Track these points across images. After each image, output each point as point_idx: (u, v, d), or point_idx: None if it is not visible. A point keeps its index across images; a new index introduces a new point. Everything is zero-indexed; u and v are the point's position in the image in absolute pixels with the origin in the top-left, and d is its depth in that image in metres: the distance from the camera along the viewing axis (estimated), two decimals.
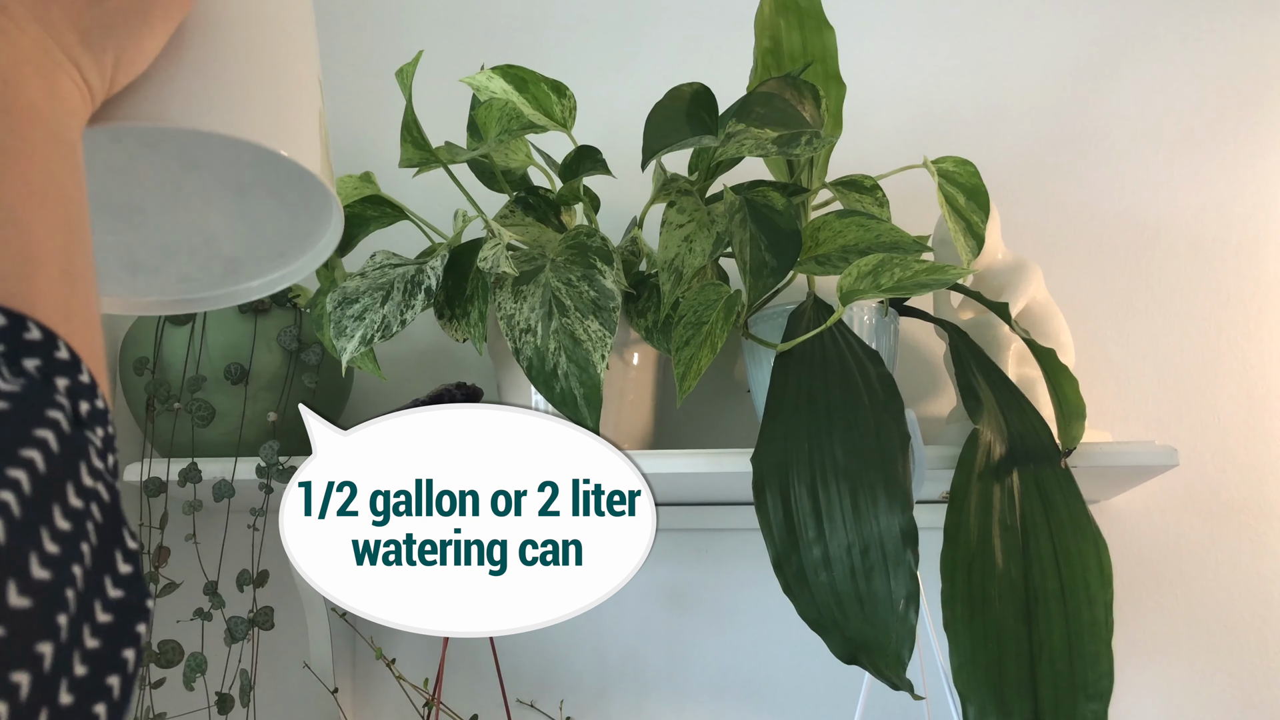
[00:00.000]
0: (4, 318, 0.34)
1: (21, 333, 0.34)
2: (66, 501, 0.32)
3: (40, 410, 0.33)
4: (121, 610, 0.35)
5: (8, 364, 0.33)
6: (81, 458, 0.34)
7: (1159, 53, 1.29)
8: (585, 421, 0.88)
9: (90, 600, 0.33)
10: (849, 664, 0.81)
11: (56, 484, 0.32)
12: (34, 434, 0.32)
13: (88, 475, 0.34)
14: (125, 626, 0.35)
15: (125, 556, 0.36)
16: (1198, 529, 1.17)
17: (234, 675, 1.07)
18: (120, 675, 0.34)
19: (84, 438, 0.35)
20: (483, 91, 1.03)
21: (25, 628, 0.29)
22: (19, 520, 0.29)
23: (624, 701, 1.22)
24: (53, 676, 0.30)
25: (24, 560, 0.29)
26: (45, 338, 0.35)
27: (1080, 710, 0.81)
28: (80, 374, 0.36)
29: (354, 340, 0.94)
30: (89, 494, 0.34)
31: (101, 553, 0.34)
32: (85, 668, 0.32)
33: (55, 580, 0.30)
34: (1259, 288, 1.21)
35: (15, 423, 0.31)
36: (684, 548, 1.24)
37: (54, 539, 0.31)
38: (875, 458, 0.85)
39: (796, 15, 1.06)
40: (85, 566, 0.32)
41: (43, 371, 0.34)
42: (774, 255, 0.92)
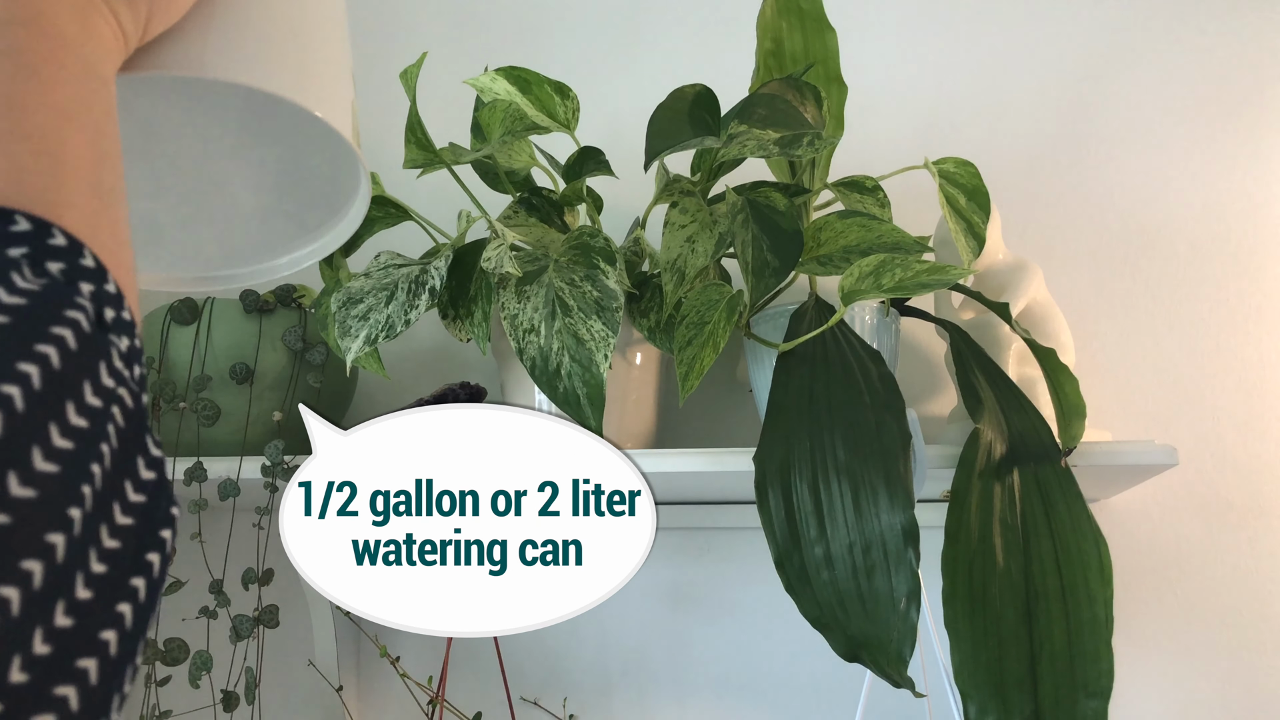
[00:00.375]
0: (29, 222, 0.34)
1: (46, 238, 0.34)
2: (82, 399, 0.32)
3: (59, 309, 0.33)
4: (143, 514, 0.35)
5: (31, 266, 0.33)
6: (102, 359, 0.34)
7: (1159, 54, 1.29)
8: (588, 421, 0.88)
9: (109, 501, 0.33)
10: (851, 662, 0.81)
11: (71, 381, 0.32)
12: (51, 330, 0.32)
13: (108, 376, 0.34)
14: (148, 531, 0.35)
15: (148, 463, 0.36)
16: (1197, 527, 1.17)
17: (239, 673, 1.07)
18: (145, 579, 0.34)
19: (106, 340, 0.35)
20: (486, 93, 1.04)
21: (32, 517, 0.29)
22: (22, 414, 0.29)
23: (627, 699, 1.22)
24: (67, 569, 0.30)
25: (25, 453, 0.29)
26: (70, 244, 0.35)
27: (1080, 708, 0.81)
28: (106, 283, 0.36)
29: (358, 340, 0.94)
30: (108, 395, 0.34)
31: (122, 456, 0.34)
32: (104, 566, 0.32)
33: (65, 474, 0.30)
34: (1258, 288, 1.21)
35: (32, 318, 0.31)
36: (686, 546, 1.24)
37: (65, 435, 0.31)
38: (877, 457, 0.85)
39: (798, 17, 1.06)
40: (104, 467, 0.33)
41: (66, 275, 0.34)
42: (776, 256, 0.93)
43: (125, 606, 0.33)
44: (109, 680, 0.32)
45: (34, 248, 0.34)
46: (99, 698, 0.31)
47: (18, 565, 0.28)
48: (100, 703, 0.31)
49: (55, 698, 0.29)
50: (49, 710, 0.29)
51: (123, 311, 0.37)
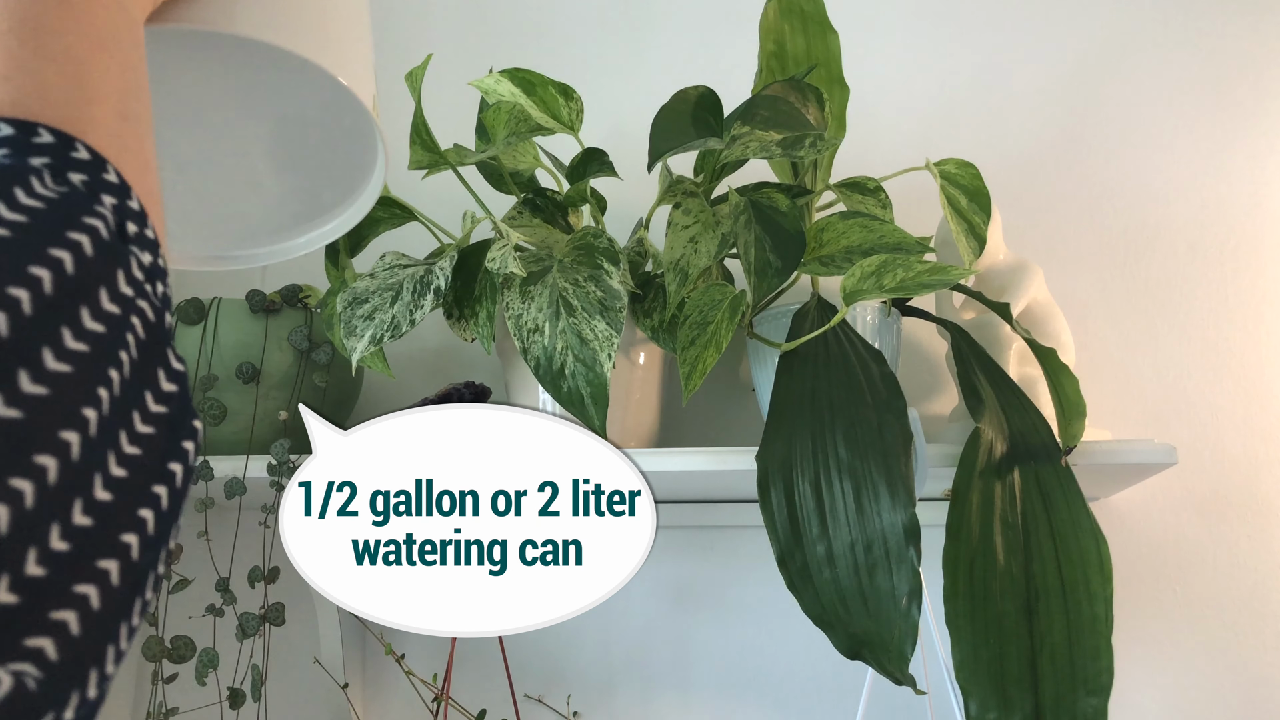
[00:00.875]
0: (51, 135, 0.34)
1: (69, 150, 0.34)
2: (98, 305, 0.32)
3: (77, 215, 0.33)
4: (165, 424, 0.35)
5: (52, 175, 0.33)
6: (120, 267, 0.34)
7: (1158, 56, 1.29)
8: (592, 420, 0.89)
9: (128, 409, 0.33)
10: (852, 659, 0.81)
11: (87, 287, 0.32)
12: (67, 235, 0.32)
13: (126, 285, 0.34)
14: (170, 441, 0.35)
15: (169, 375, 0.36)
16: (1196, 526, 1.18)
17: (245, 670, 1.08)
18: (167, 487, 0.35)
19: (126, 250, 0.35)
20: (491, 94, 1.04)
21: (44, 414, 0.29)
22: (30, 317, 0.29)
23: (630, 696, 1.23)
24: (84, 469, 0.30)
25: (35, 353, 0.29)
26: (94, 159, 0.35)
27: (1081, 705, 0.81)
28: (129, 199, 0.36)
29: (364, 340, 0.94)
30: (127, 303, 0.34)
31: (143, 366, 0.34)
32: (124, 471, 0.32)
33: (79, 376, 0.31)
34: (1257, 288, 1.22)
35: (48, 223, 0.32)
36: (689, 545, 1.25)
37: (79, 338, 0.31)
38: (878, 456, 0.85)
39: (800, 19, 1.06)
40: (123, 374, 0.33)
41: (88, 186, 0.34)
42: (778, 256, 0.93)
43: (147, 513, 0.33)
44: (130, 584, 0.32)
45: (56, 158, 0.34)
46: (120, 600, 0.32)
47: (31, 460, 0.28)
48: (121, 605, 0.32)
49: (75, 595, 0.29)
50: (69, 607, 0.29)
51: (145, 229, 0.37)
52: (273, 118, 0.59)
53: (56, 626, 0.28)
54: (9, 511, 0.27)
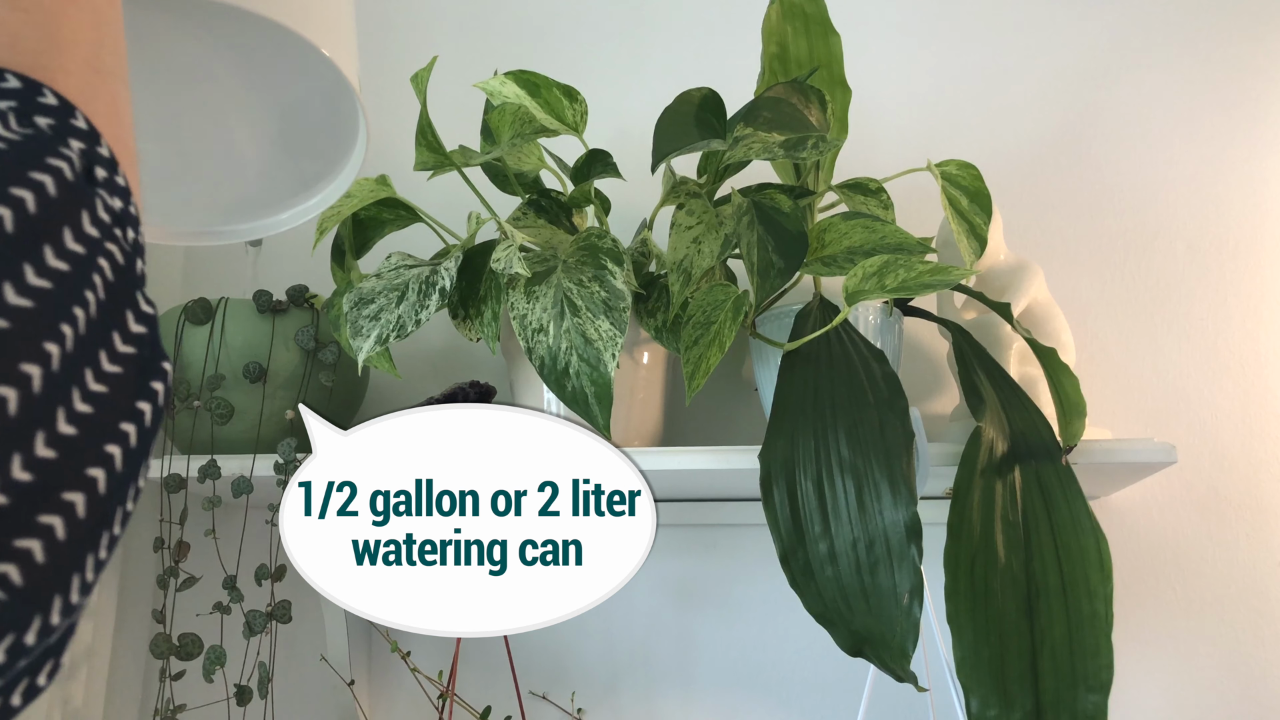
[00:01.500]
0: (19, 81, 0.34)
1: (36, 96, 0.34)
2: (62, 244, 0.32)
3: (41, 156, 0.33)
4: (132, 364, 0.35)
5: (17, 118, 0.33)
6: (85, 208, 0.34)
7: (1157, 58, 1.30)
8: (596, 419, 0.89)
9: (95, 347, 0.33)
10: (854, 656, 0.81)
11: (49, 226, 0.32)
12: (29, 175, 0.32)
13: (91, 226, 0.34)
14: (138, 381, 0.35)
15: (138, 318, 0.36)
16: (1196, 524, 1.18)
17: (252, 667, 1.08)
18: (135, 425, 0.35)
19: (93, 193, 0.35)
20: (496, 96, 1.05)
21: (5, 346, 0.29)
22: None
23: (634, 693, 1.23)
24: (47, 400, 0.30)
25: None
26: (61, 104, 0.35)
27: (1081, 702, 0.82)
28: (99, 146, 0.36)
29: (370, 340, 0.95)
30: (92, 244, 0.34)
31: (110, 307, 0.34)
32: (90, 407, 0.32)
33: (41, 310, 0.31)
34: (1256, 288, 1.22)
35: (9, 163, 0.32)
36: (693, 543, 1.26)
37: (41, 275, 0.31)
38: (880, 455, 0.85)
39: (803, 22, 1.06)
40: (88, 313, 0.33)
41: (54, 130, 0.34)
42: (781, 256, 0.93)
43: (115, 448, 0.33)
44: (97, 517, 0.33)
45: (22, 102, 0.34)
46: (87, 531, 0.32)
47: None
48: (88, 537, 0.32)
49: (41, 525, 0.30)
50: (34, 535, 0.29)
51: (116, 176, 0.37)
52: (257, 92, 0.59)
53: (21, 554, 0.29)
54: None
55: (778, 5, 1.06)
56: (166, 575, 1.07)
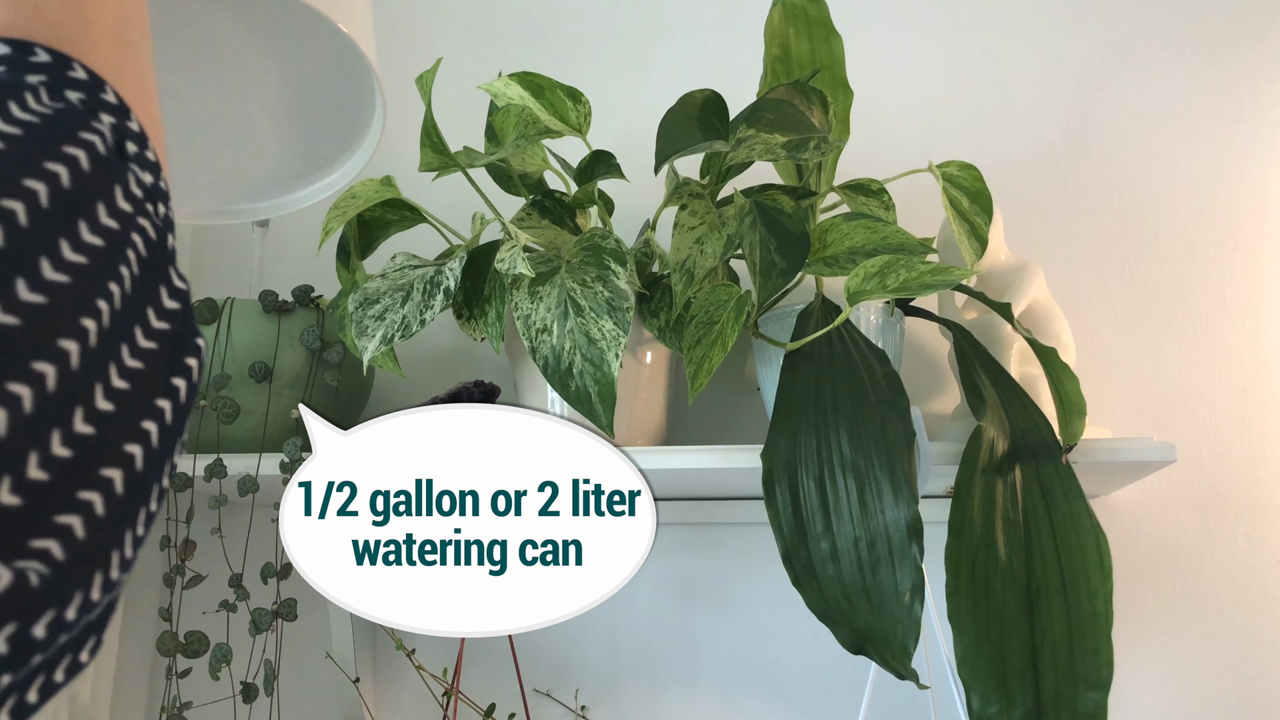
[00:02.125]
0: (48, 55, 0.34)
1: (66, 70, 0.34)
2: (96, 219, 0.32)
3: (74, 130, 0.33)
4: (167, 340, 0.35)
5: (49, 92, 0.33)
6: (118, 183, 0.34)
7: (1157, 60, 1.30)
8: (599, 419, 0.89)
9: (130, 323, 0.33)
10: (856, 654, 0.82)
11: (84, 201, 0.32)
12: (63, 150, 0.32)
13: (124, 201, 0.34)
14: (172, 356, 0.35)
15: (172, 293, 0.36)
16: (1195, 523, 1.19)
17: (258, 665, 1.09)
18: (171, 401, 0.34)
19: (125, 168, 0.35)
20: (500, 98, 1.05)
21: (43, 322, 0.29)
22: (26, 228, 0.29)
23: (637, 690, 1.24)
24: (83, 378, 0.30)
25: (33, 262, 0.29)
26: (91, 79, 0.35)
27: (1081, 699, 0.82)
28: (129, 121, 0.36)
29: (375, 339, 0.95)
30: (126, 219, 0.34)
31: (144, 282, 0.34)
32: (126, 383, 0.32)
33: (77, 286, 0.31)
34: (1254, 288, 1.23)
35: (42, 137, 0.32)
36: (695, 541, 1.26)
37: (77, 250, 0.31)
38: (881, 454, 0.86)
39: (805, 24, 1.07)
40: (123, 288, 0.33)
41: (85, 104, 0.34)
42: (783, 257, 0.93)
43: (151, 425, 0.33)
44: (135, 492, 0.33)
45: (53, 76, 0.34)
46: (125, 506, 0.32)
47: (29, 366, 0.28)
48: (126, 512, 0.32)
49: (79, 500, 0.30)
50: (73, 511, 0.29)
51: (146, 151, 0.37)
52: (273, 69, 0.59)
53: (62, 530, 0.29)
54: (7, 415, 0.27)
55: (780, 7, 1.07)
56: (173, 573, 1.07)
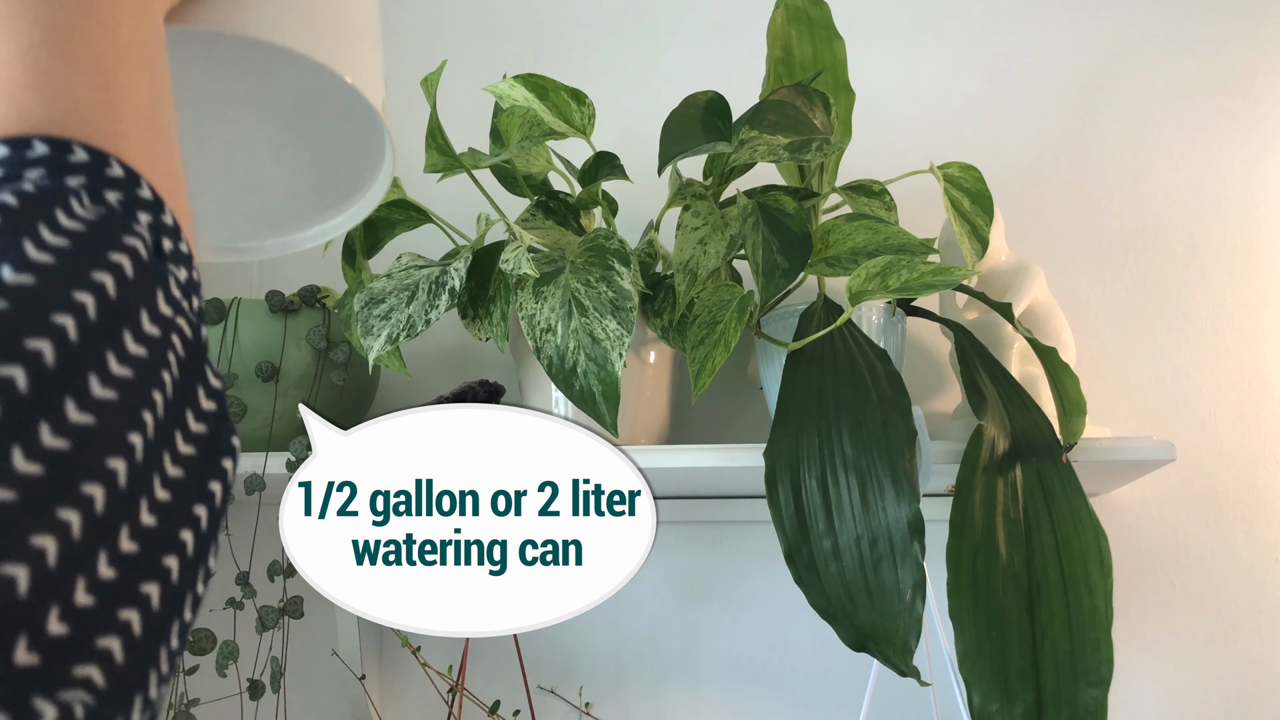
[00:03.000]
0: (86, 153, 0.34)
1: (104, 168, 0.34)
2: (140, 328, 0.32)
3: (117, 236, 0.33)
4: (204, 444, 0.34)
5: (89, 195, 0.33)
6: (159, 286, 0.34)
7: (1156, 62, 1.31)
8: (603, 418, 0.90)
9: (171, 430, 0.33)
10: (858, 651, 0.82)
11: (129, 309, 0.32)
12: (108, 258, 0.32)
13: (165, 305, 0.34)
14: (209, 460, 0.35)
15: (208, 393, 0.36)
16: (1194, 521, 1.19)
17: (265, 662, 1.09)
18: (207, 507, 0.34)
19: (164, 269, 0.34)
20: (505, 99, 1.05)
21: (92, 443, 0.29)
22: (76, 343, 0.29)
23: (641, 688, 1.24)
24: (130, 495, 0.30)
25: (82, 380, 0.29)
26: (128, 175, 0.35)
27: (1081, 696, 0.82)
28: (164, 214, 0.36)
29: (380, 339, 0.96)
30: (167, 323, 0.33)
31: (183, 385, 0.34)
32: (168, 493, 0.32)
33: (124, 401, 0.30)
34: (1253, 288, 1.23)
35: (90, 246, 0.31)
36: (699, 539, 1.27)
37: (123, 363, 0.31)
38: (883, 452, 0.86)
39: (808, 26, 1.07)
40: (165, 395, 0.32)
41: (124, 204, 0.34)
42: (785, 257, 0.94)
43: (188, 534, 0.33)
44: (170, 606, 0.32)
45: (91, 177, 0.34)
46: (161, 622, 0.31)
47: (78, 489, 0.28)
48: (162, 628, 0.31)
49: (120, 621, 0.29)
50: (114, 633, 0.29)
51: (180, 243, 0.37)
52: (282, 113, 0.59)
53: (102, 654, 0.28)
54: (56, 544, 0.27)
55: (783, 10, 1.07)
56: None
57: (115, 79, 0.37)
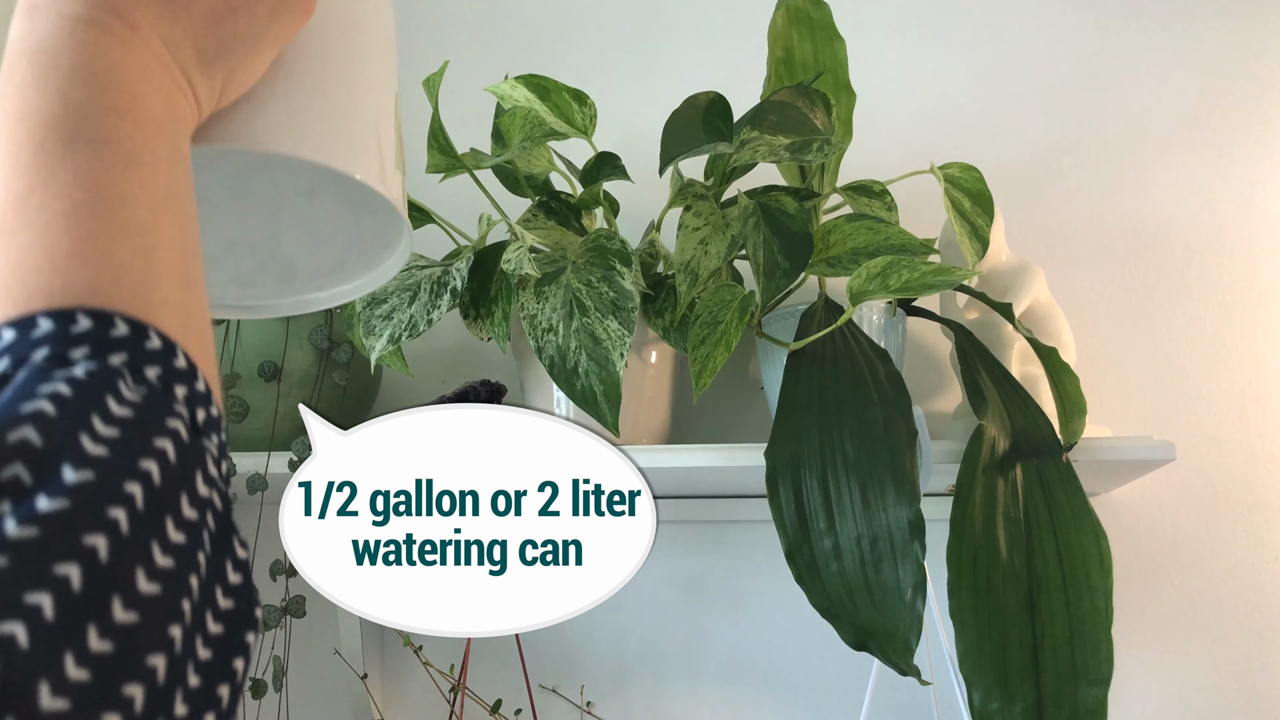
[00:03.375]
0: (127, 326, 0.34)
1: (144, 341, 0.35)
2: (180, 513, 0.32)
3: (161, 420, 0.33)
4: (231, 620, 0.35)
5: (131, 373, 0.34)
6: (198, 466, 0.34)
7: (1156, 62, 1.31)
8: (605, 418, 0.90)
9: (204, 611, 0.33)
10: (859, 650, 0.83)
11: (171, 496, 0.32)
12: (154, 444, 0.32)
13: (203, 484, 0.34)
14: (235, 636, 0.35)
15: (235, 565, 0.36)
16: (1194, 521, 1.19)
17: (267, 661, 1.09)
18: (230, 685, 0.34)
19: (201, 446, 0.35)
20: (506, 100, 1.06)
21: (135, 641, 0.29)
22: (126, 538, 0.30)
23: (642, 686, 1.25)
24: (167, 688, 0.30)
25: (130, 576, 0.29)
26: (165, 346, 0.35)
27: (1081, 695, 0.83)
28: (197, 382, 0.37)
29: (382, 339, 0.96)
30: (203, 504, 0.34)
31: (214, 563, 0.34)
32: (198, 678, 0.32)
33: (166, 593, 0.30)
34: (1253, 288, 1.23)
35: (137, 433, 0.32)
36: (700, 539, 1.27)
37: (165, 552, 0.31)
38: (884, 452, 0.86)
39: (808, 27, 1.07)
40: (200, 577, 0.33)
41: (162, 380, 0.35)
42: (786, 257, 0.94)
43: (210, 716, 0.33)
44: None
45: (132, 354, 0.34)
46: None
47: (120, 692, 0.28)
48: None
49: None
50: None
51: (211, 408, 0.37)
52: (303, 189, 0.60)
53: None
54: None
55: (784, 11, 1.07)
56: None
57: (153, 236, 0.37)
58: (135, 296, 0.35)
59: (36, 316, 0.33)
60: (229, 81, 0.45)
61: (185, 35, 0.43)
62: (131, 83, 0.39)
